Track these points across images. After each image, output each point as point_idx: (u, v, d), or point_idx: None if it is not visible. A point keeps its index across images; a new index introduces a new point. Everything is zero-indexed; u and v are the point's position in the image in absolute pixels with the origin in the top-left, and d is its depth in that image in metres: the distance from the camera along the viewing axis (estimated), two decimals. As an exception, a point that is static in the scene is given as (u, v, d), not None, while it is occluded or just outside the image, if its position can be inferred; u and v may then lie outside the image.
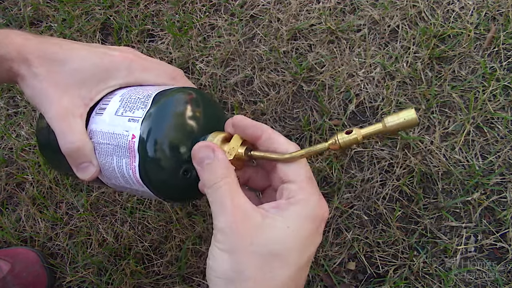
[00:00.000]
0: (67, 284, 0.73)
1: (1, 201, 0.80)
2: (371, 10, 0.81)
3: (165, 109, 0.39)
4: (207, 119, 0.42)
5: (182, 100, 0.40)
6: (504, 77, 0.73)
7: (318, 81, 0.78)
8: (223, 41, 0.84)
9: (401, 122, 0.33)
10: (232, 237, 0.34)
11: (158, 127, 0.39)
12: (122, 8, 0.90)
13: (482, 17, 0.78)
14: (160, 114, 0.39)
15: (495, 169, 0.69)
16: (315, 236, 0.36)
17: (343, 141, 0.35)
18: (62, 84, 0.40)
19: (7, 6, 0.97)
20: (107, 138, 0.40)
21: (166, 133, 0.39)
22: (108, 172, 0.42)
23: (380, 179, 0.71)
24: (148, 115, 0.39)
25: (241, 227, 0.34)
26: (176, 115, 0.40)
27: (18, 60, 0.40)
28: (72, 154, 0.41)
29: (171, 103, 0.40)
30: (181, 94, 0.41)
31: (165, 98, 0.40)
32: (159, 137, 0.38)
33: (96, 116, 0.42)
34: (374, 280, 0.67)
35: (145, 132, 0.38)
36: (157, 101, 0.40)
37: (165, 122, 0.39)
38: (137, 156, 0.38)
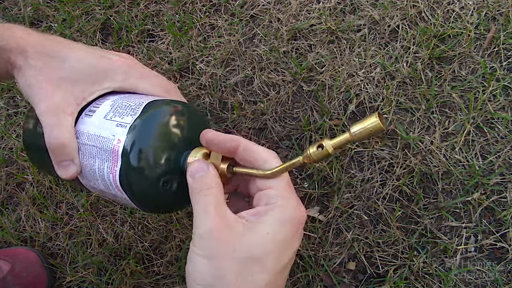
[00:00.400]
0: (67, 284, 0.73)
1: (1, 201, 0.80)
2: (371, 10, 0.81)
3: (153, 119, 0.40)
4: (192, 132, 0.42)
5: (169, 113, 0.41)
6: (504, 77, 0.73)
7: (318, 81, 0.78)
8: (223, 41, 0.84)
9: (366, 130, 0.34)
10: (212, 243, 0.34)
11: (144, 136, 0.39)
12: (122, 8, 0.90)
13: (482, 17, 0.78)
14: (147, 123, 0.39)
15: (495, 169, 0.69)
16: (294, 240, 0.37)
17: (315, 155, 0.36)
18: (57, 80, 0.41)
19: (7, 6, 0.97)
20: (92, 140, 0.41)
21: (151, 143, 0.39)
22: (89, 174, 0.42)
23: (380, 179, 0.71)
24: (136, 123, 0.39)
25: (223, 234, 0.34)
26: (163, 126, 0.40)
27: (16, 51, 0.40)
28: (56, 150, 0.41)
29: (159, 114, 0.40)
30: (170, 106, 0.41)
31: (154, 109, 0.40)
32: (143, 146, 0.39)
33: (85, 117, 0.42)
34: (374, 280, 0.67)
35: (131, 139, 0.39)
36: (146, 111, 0.40)
37: (151, 132, 0.39)
38: (119, 161, 0.39)
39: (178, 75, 0.83)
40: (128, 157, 0.38)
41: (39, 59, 0.41)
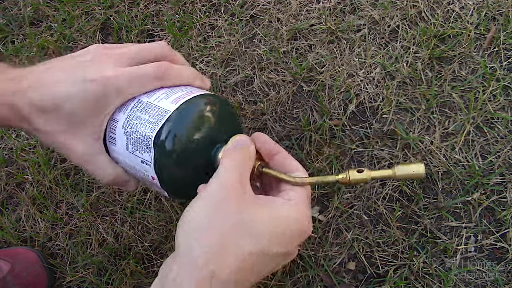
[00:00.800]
0: (67, 284, 0.73)
1: (1, 201, 0.80)
2: (371, 10, 0.81)
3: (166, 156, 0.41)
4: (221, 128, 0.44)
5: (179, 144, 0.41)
6: (504, 77, 0.73)
7: (318, 81, 0.78)
8: (223, 41, 0.84)
9: (409, 174, 0.36)
10: (224, 196, 0.36)
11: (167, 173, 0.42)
12: (122, 8, 0.90)
13: (482, 17, 0.78)
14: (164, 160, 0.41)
15: (495, 169, 0.69)
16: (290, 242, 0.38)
17: (354, 179, 0.38)
18: (67, 129, 0.42)
19: (7, 6, 0.97)
20: (131, 167, 0.44)
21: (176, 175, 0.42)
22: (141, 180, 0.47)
23: (380, 179, 0.71)
24: (156, 162, 0.41)
25: (236, 194, 0.36)
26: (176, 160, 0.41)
27: (15, 118, 0.41)
28: (113, 183, 0.46)
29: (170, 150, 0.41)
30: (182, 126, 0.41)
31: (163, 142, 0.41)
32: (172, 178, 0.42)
33: (111, 145, 0.45)
34: (374, 280, 0.67)
35: (160, 177, 0.41)
36: (157, 144, 0.41)
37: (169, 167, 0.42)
38: (163, 189, 0.43)
39: (178, 75, 0.83)
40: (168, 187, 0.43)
41: (39, 118, 0.41)
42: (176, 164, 0.41)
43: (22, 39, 0.93)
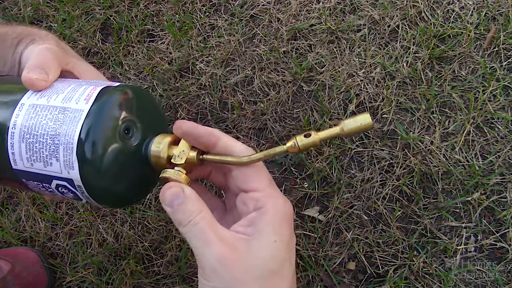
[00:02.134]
0: (67, 284, 0.73)
1: (1, 201, 0.80)
2: (371, 10, 0.81)
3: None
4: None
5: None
6: (504, 77, 0.73)
7: (318, 81, 0.78)
8: (223, 41, 0.84)
9: (357, 126, 0.34)
10: (226, 272, 0.33)
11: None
12: (122, 8, 0.90)
13: (482, 17, 0.78)
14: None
15: (495, 169, 0.69)
16: (293, 235, 0.36)
17: (302, 144, 0.35)
18: None
19: (7, 6, 0.97)
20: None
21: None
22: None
23: (380, 179, 0.71)
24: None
25: (233, 260, 0.33)
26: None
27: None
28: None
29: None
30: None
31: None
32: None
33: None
34: (374, 280, 0.67)
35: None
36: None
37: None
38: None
39: (178, 75, 0.83)
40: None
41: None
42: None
43: (22, 39, 0.93)
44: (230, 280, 0.33)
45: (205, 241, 0.33)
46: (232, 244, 0.34)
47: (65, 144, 0.34)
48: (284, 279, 0.34)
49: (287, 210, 0.36)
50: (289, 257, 0.35)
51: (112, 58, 0.87)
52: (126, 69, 0.86)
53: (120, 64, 0.86)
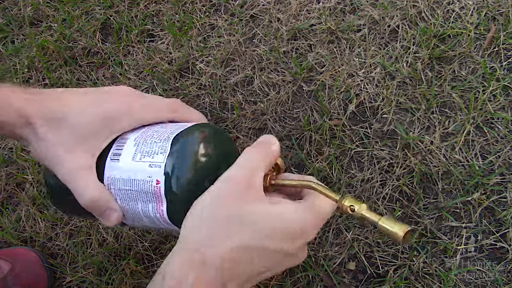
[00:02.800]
0: (67, 284, 0.73)
1: (1, 201, 0.80)
2: (371, 10, 0.81)
3: (186, 151, 0.39)
4: (225, 152, 0.42)
5: (200, 140, 0.41)
6: (504, 77, 0.73)
7: (318, 81, 0.78)
8: (223, 41, 0.84)
9: (389, 231, 0.37)
10: (228, 190, 0.36)
11: (182, 170, 0.39)
12: (122, 8, 0.90)
13: (482, 17, 0.78)
14: (181, 157, 0.39)
15: (495, 169, 0.69)
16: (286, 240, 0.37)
17: (343, 210, 0.38)
18: (66, 143, 0.41)
19: (7, 6, 0.97)
20: (128, 184, 0.41)
21: (191, 175, 0.39)
22: (132, 215, 0.42)
23: (380, 179, 0.71)
24: (170, 160, 0.39)
25: (241, 188, 0.36)
26: (197, 155, 0.40)
27: (21, 124, 0.41)
28: (91, 207, 0.41)
29: (191, 144, 0.40)
30: (197, 133, 0.41)
31: (183, 139, 0.40)
32: (184, 180, 0.39)
33: (112, 162, 0.42)
34: (374, 280, 0.67)
35: (170, 177, 0.38)
36: (175, 144, 0.40)
37: (188, 163, 0.39)
38: (164, 201, 0.39)
39: (178, 75, 0.83)
40: (172, 195, 0.38)
41: (43, 126, 0.41)
42: (194, 159, 0.39)
43: (22, 39, 0.93)
44: (224, 190, 0.37)
45: (242, 166, 0.38)
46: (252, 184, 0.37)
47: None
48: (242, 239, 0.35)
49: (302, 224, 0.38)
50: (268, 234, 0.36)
51: (112, 58, 0.87)
52: (126, 69, 0.86)
53: (120, 64, 0.86)
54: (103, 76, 0.87)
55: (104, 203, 0.41)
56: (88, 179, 0.41)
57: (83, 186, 0.41)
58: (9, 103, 0.41)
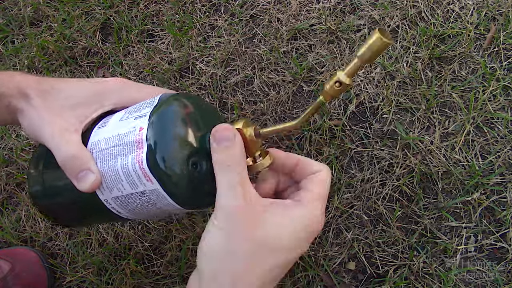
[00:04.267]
0: (67, 284, 0.73)
1: (1, 201, 0.80)
2: (371, 10, 0.81)
3: (174, 104, 0.40)
4: (210, 116, 0.42)
5: (188, 96, 0.41)
6: (504, 77, 0.73)
7: (318, 81, 0.78)
8: (223, 41, 0.84)
9: (371, 50, 0.34)
10: (234, 219, 0.36)
11: (167, 119, 0.39)
12: (122, 8, 0.90)
13: (482, 17, 0.78)
14: (168, 108, 0.39)
15: (495, 169, 0.69)
16: (304, 244, 0.38)
17: (334, 91, 0.37)
18: (57, 108, 0.42)
19: (7, 6, 0.97)
20: (110, 142, 0.40)
21: (176, 123, 0.39)
22: (111, 180, 0.40)
23: (380, 179, 0.71)
24: (157, 110, 0.39)
25: (245, 213, 0.36)
26: (185, 108, 0.40)
27: (18, 96, 0.42)
28: (68, 164, 0.40)
29: (179, 99, 0.41)
30: (185, 94, 0.42)
31: (172, 96, 0.41)
32: (168, 127, 0.38)
33: (99, 129, 0.42)
34: (374, 280, 0.67)
35: (155, 121, 0.38)
36: (163, 99, 0.41)
37: (174, 114, 0.39)
38: (145, 145, 0.38)
39: (178, 75, 0.83)
40: (154, 137, 0.38)
41: (38, 96, 0.42)
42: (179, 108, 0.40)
43: (22, 39, 0.93)
44: (232, 226, 0.36)
45: (230, 187, 0.36)
46: (253, 203, 0.37)
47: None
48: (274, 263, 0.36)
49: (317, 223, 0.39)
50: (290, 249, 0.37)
51: (112, 58, 0.87)
52: (126, 69, 0.86)
53: (120, 64, 0.86)
54: (103, 76, 0.87)
55: (81, 162, 0.40)
56: (70, 139, 0.41)
57: (63, 144, 0.40)
58: (12, 78, 0.43)
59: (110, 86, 0.45)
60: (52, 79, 0.45)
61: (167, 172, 0.38)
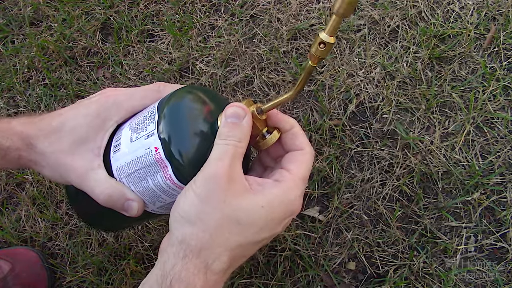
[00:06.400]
0: (67, 284, 0.73)
1: (1, 201, 0.80)
2: (371, 10, 0.81)
3: (172, 110, 0.40)
4: (215, 103, 0.43)
5: (182, 95, 0.42)
6: (504, 77, 0.73)
7: (318, 81, 0.78)
8: (223, 41, 0.84)
9: (345, 2, 0.34)
10: (211, 187, 0.36)
11: (176, 128, 0.39)
12: (122, 8, 0.90)
13: (482, 17, 0.78)
14: (170, 116, 0.40)
15: (495, 169, 0.69)
16: (279, 225, 0.39)
17: (320, 52, 0.37)
18: (68, 148, 0.43)
19: (7, 6, 0.97)
20: (133, 166, 0.41)
21: (184, 127, 0.40)
22: (150, 197, 0.42)
23: (380, 179, 0.71)
24: (160, 123, 0.40)
25: (224, 184, 0.36)
26: (187, 108, 0.41)
27: (26, 147, 0.43)
28: (110, 203, 0.42)
29: (175, 102, 0.41)
30: (178, 92, 0.42)
31: (167, 102, 0.41)
32: (180, 136, 0.39)
33: (115, 154, 0.43)
34: (374, 280, 0.67)
35: (166, 138, 0.39)
36: (161, 108, 0.41)
37: (177, 119, 0.40)
38: (168, 164, 0.39)
39: (178, 75, 0.83)
40: (173, 154, 0.39)
41: (43, 141, 0.43)
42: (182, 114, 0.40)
43: (22, 39, 0.93)
44: (207, 195, 0.36)
45: (219, 158, 0.37)
46: (235, 179, 0.37)
47: None
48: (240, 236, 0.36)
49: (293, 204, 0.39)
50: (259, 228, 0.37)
51: (112, 58, 0.87)
52: (126, 69, 0.86)
53: (120, 64, 0.86)
54: (103, 76, 0.87)
55: (120, 196, 0.42)
56: (98, 178, 0.42)
57: (95, 186, 0.42)
58: (10, 128, 0.43)
59: (104, 104, 0.45)
60: (47, 115, 0.45)
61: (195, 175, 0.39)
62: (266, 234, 0.38)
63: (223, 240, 0.36)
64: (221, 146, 0.38)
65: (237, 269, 0.67)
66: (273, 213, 0.37)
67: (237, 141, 0.38)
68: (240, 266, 0.68)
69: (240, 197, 0.37)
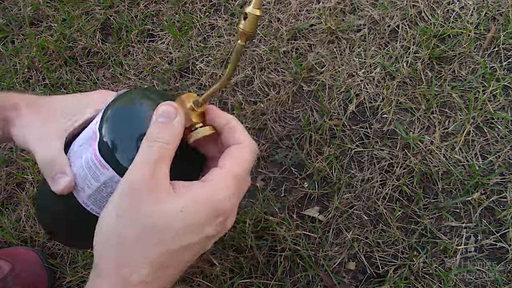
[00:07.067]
0: (67, 284, 0.73)
1: (1, 201, 0.80)
2: (371, 10, 0.81)
3: (123, 97, 0.42)
4: (160, 98, 0.42)
5: (132, 92, 0.43)
6: (504, 77, 0.73)
7: (318, 81, 0.78)
8: (223, 41, 0.84)
9: None
10: (128, 199, 0.34)
11: (115, 107, 0.41)
12: (122, 8, 0.90)
13: (482, 17, 0.78)
14: (116, 99, 0.42)
15: (495, 169, 0.69)
16: (205, 226, 0.35)
17: (247, 27, 0.37)
18: (43, 117, 0.45)
19: (7, 6, 0.97)
20: (80, 142, 0.42)
21: (122, 108, 0.41)
22: (81, 178, 0.41)
23: (380, 179, 0.71)
24: (108, 104, 0.41)
25: (143, 193, 0.34)
26: (132, 98, 0.42)
27: (10, 107, 0.46)
28: (46, 167, 0.42)
29: (128, 92, 0.43)
30: (130, 90, 0.44)
31: (122, 93, 0.43)
32: (115, 113, 0.40)
33: (78, 137, 0.45)
34: (374, 280, 0.67)
35: (104, 111, 0.41)
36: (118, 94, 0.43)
37: (123, 103, 0.41)
38: (98, 134, 0.39)
39: (178, 75, 0.83)
40: (102, 126, 0.39)
41: (26, 108, 0.46)
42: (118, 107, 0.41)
43: (22, 39, 0.93)
44: (123, 208, 0.34)
45: (142, 164, 0.35)
46: (156, 185, 0.34)
47: None
48: (160, 246, 0.34)
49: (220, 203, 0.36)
50: (180, 233, 0.34)
51: (112, 58, 0.87)
52: (126, 69, 0.86)
53: (120, 64, 0.86)
54: (103, 76, 0.87)
55: (58, 167, 0.42)
56: (52, 144, 0.43)
57: (44, 148, 0.43)
58: (7, 94, 0.48)
59: (93, 97, 0.47)
60: (44, 96, 0.48)
61: (116, 156, 0.38)
62: (191, 238, 0.35)
63: (141, 252, 0.34)
64: (146, 149, 0.35)
65: (237, 269, 0.67)
66: (194, 216, 0.35)
67: (165, 142, 0.35)
68: (240, 266, 0.68)
69: (160, 203, 0.34)
